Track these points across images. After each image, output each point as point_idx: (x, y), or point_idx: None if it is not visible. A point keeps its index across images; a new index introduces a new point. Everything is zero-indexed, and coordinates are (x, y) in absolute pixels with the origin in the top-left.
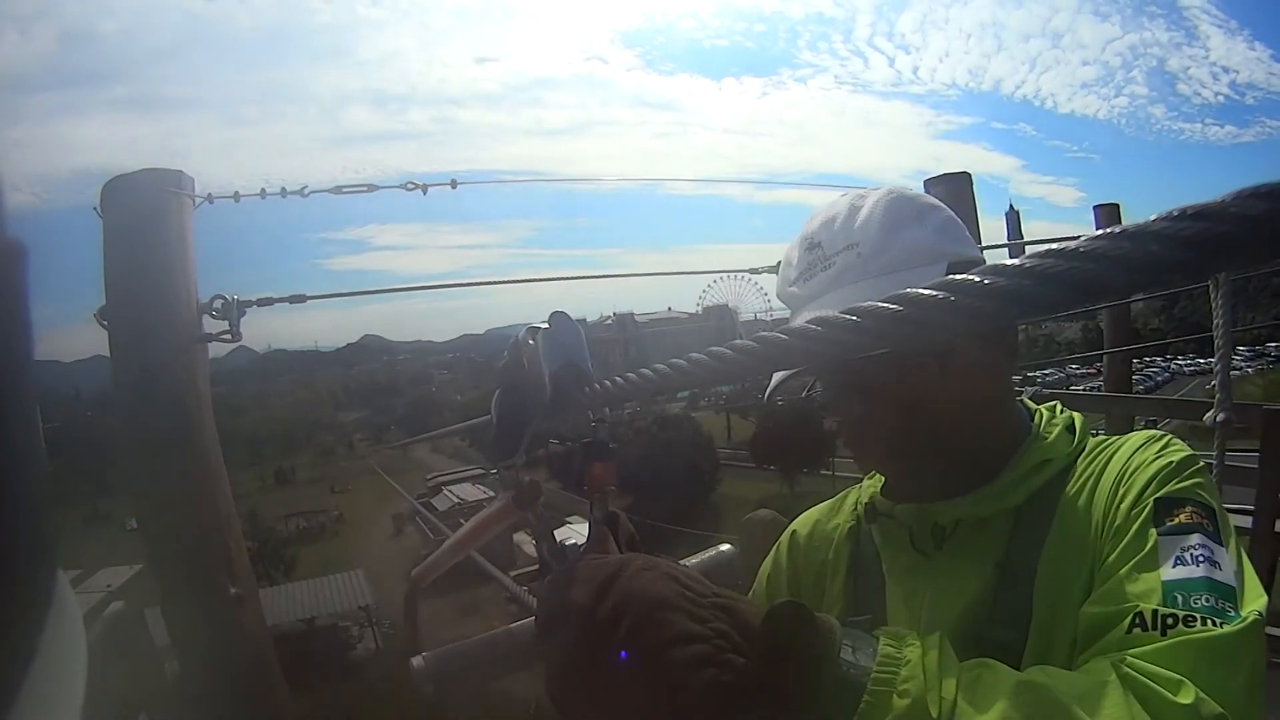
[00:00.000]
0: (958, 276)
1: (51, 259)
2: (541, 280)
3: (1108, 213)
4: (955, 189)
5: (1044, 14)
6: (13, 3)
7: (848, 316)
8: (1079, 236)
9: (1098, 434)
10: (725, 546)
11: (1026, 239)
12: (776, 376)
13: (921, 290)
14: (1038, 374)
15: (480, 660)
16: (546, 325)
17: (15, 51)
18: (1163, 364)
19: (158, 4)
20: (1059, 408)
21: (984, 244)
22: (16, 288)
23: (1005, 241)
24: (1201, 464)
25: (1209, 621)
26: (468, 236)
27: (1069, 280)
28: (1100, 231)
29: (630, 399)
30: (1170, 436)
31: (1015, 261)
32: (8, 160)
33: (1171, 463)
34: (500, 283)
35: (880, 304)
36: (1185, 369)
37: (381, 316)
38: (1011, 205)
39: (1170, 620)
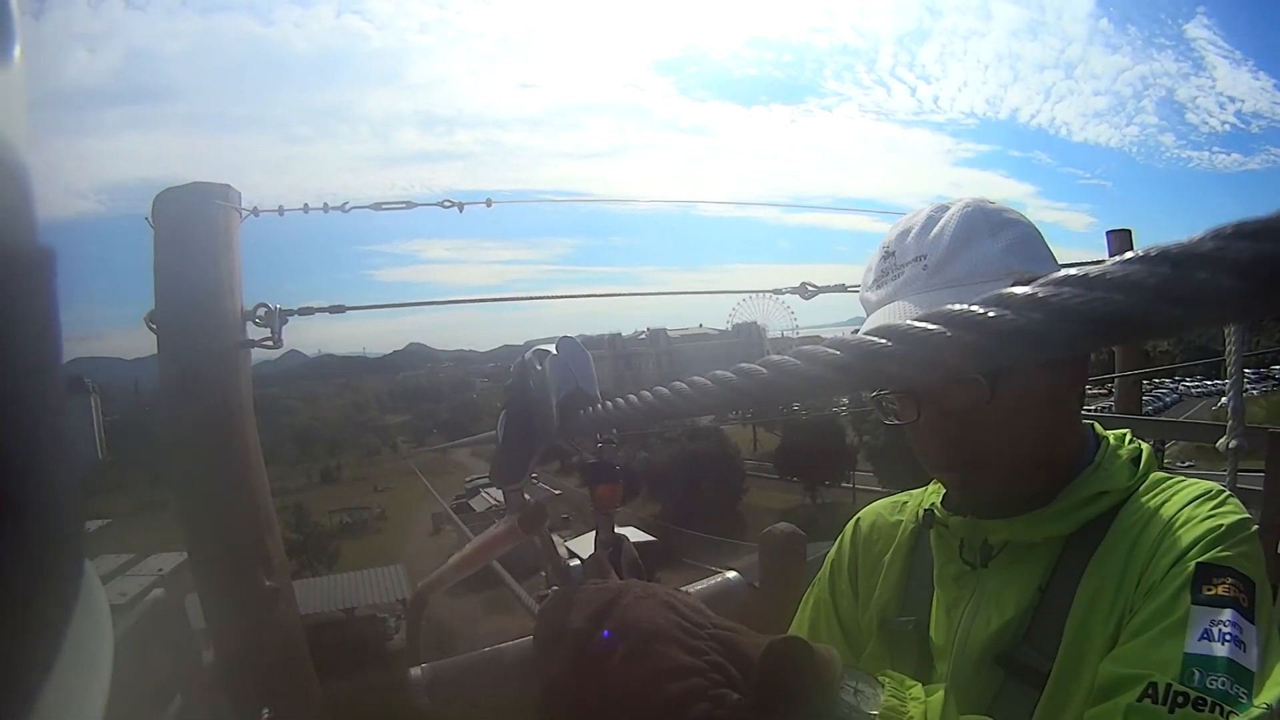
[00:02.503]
0: (957, 307)
1: (115, 263)
2: (579, 296)
3: (1119, 238)
4: None
5: (1058, 46)
6: (83, 22)
7: (830, 350)
8: (1100, 261)
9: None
10: (732, 574)
11: None
12: None
13: (915, 323)
14: None
15: (479, 676)
16: (554, 350)
17: (84, 69)
18: (1171, 385)
19: (219, 27)
20: (1128, 438)
21: None
22: (45, 291)
23: None
24: (1253, 530)
25: (1218, 708)
26: (509, 253)
27: (1092, 315)
28: (1132, 254)
29: (631, 424)
30: (1228, 495)
31: (1027, 290)
32: (75, 170)
33: (1221, 526)
34: (540, 298)
35: (868, 337)
36: (1193, 390)
37: (426, 326)
38: None
39: (1181, 699)
